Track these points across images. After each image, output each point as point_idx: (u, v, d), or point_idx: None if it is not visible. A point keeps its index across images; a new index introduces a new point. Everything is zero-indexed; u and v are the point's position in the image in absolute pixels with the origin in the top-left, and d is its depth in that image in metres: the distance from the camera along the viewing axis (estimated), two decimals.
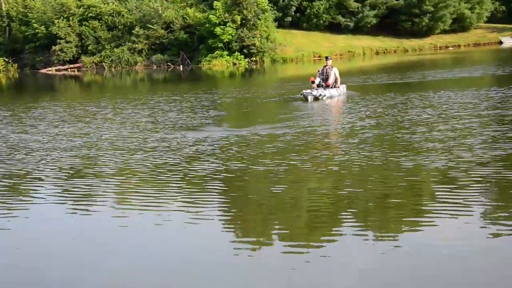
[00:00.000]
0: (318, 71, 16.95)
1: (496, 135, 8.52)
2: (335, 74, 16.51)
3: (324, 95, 15.91)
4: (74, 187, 7.12)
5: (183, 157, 8.46)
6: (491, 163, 6.85)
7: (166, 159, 8.41)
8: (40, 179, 7.73)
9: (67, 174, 7.89)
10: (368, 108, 12.78)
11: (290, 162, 7.66)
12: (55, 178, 7.76)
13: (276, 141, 9.32)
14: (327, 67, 16.60)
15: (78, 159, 8.91)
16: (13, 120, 15.05)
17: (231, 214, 5.85)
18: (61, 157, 9.13)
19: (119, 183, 7.33)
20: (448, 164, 6.87)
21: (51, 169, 8.28)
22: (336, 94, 16.42)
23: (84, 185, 7.23)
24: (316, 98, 15.75)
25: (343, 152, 8.14)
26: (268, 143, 9.19)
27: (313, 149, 8.57)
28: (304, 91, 16.18)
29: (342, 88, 16.98)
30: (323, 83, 16.31)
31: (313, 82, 16.26)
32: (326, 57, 17.43)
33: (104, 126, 12.74)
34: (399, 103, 13.23)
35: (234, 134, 10.33)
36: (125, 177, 7.58)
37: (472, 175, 6.34)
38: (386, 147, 8.26)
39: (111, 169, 8.06)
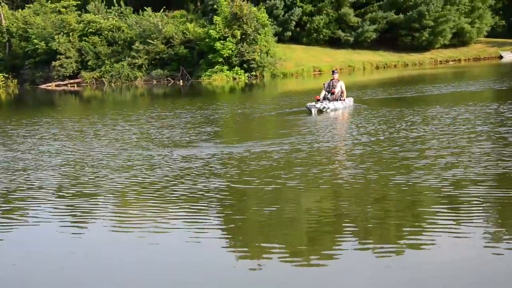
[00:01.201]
0: (324, 84, 17.01)
1: (495, 152, 8.42)
2: (341, 87, 16.63)
3: (328, 108, 15.95)
4: (63, 205, 7.05)
5: (180, 174, 8.35)
6: (489, 181, 6.78)
7: (164, 176, 8.29)
8: (27, 198, 7.59)
9: (58, 193, 7.76)
10: (368, 124, 12.67)
11: (288, 179, 7.54)
12: (43, 197, 7.60)
13: (274, 157, 9.22)
14: (333, 80, 16.75)
15: (67, 177, 8.78)
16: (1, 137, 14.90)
17: (229, 231, 5.75)
18: (50, 175, 9.00)
19: (112, 201, 7.20)
20: (446, 182, 6.79)
21: (39, 187, 8.13)
22: (341, 106, 16.47)
23: (75, 202, 7.12)
24: (320, 111, 15.80)
25: (340, 169, 8.07)
26: (266, 159, 9.08)
27: (311, 165, 8.43)
28: (308, 104, 16.19)
29: (348, 101, 17.07)
30: (328, 96, 16.38)
31: (318, 100, 16.34)
32: (333, 71, 17.60)
33: (94, 143, 12.60)
34: (398, 119, 13.14)
35: (232, 150, 10.21)
36: (118, 195, 7.46)
37: (470, 193, 6.29)
38: (384, 164, 8.14)
39: (102, 187, 7.93)
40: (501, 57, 51.67)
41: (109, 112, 22.26)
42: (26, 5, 56.24)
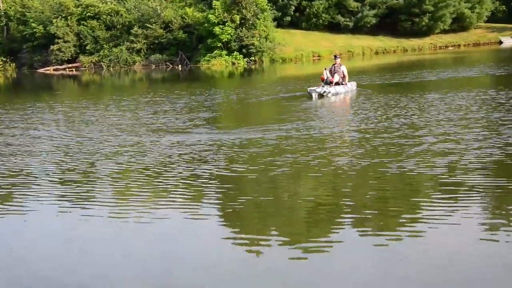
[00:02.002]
0: (325, 69, 17.01)
1: (492, 139, 8.40)
2: (343, 72, 16.64)
3: (329, 92, 15.93)
4: (56, 191, 7.06)
5: (175, 160, 8.33)
6: (486, 168, 6.79)
7: (159, 162, 8.27)
8: (22, 184, 7.59)
9: (52, 178, 7.78)
10: (367, 110, 12.62)
11: (285, 165, 7.53)
12: (39, 183, 7.59)
13: (271, 144, 9.19)
14: (335, 65, 16.76)
15: (59, 162, 8.78)
16: None
17: (226, 217, 5.74)
18: (46, 160, 9.01)
19: (108, 186, 7.18)
20: (444, 169, 6.78)
21: (37, 172, 8.12)
22: (343, 91, 16.49)
23: (67, 188, 7.17)
24: (321, 95, 15.76)
25: (338, 156, 8.04)
26: (263, 146, 9.06)
27: (308, 152, 8.41)
28: (308, 88, 16.15)
29: (350, 85, 17.07)
30: (331, 79, 16.45)
31: (323, 80, 16.41)
32: (335, 56, 17.60)
33: (89, 128, 12.55)
34: (397, 105, 13.07)
35: (229, 136, 10.17)
36: (115, 181, 7.44)
37: (468, 180, 6.28)
38: (382, 151, 8.12)
39: (95, 173, 7.92)
40: (500, 42, 51.56)
41: (107, 97, 22.24)
42: None
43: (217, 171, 7.44)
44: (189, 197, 6.43)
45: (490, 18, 58.08)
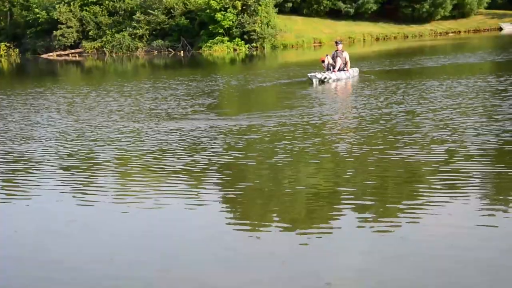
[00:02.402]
0: (327, 55, 17.14)
1: (491, 126, 8.57)
2: (345, 58, 16.73)
3: (330, 78, 15.99)
4: (58, 177, 7.12)
5: (179, 146, 8.42)
6: (485, 155, 6.86)
7: (161, 147, 8.39)
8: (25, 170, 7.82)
9: (54, 164, 7.93)
10: (368, 96, 12.80)
11: (284, 152, 7.64)
12: (38, 169, 7.69)
13: (270, 130, 9.27)
14: (338, 51, 16.80)
15: (59, 148, 9.00)
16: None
17: (227, 203, 5.79)
18: (44, 146, 9.17)
19: (111, 172, 7.27)
20: (443, 156, 6.84)
21: (37, 158, 8.25)
22: (345, 77, 16.56)
23: (72, 174, 7.30)
24: (322, 81, 15.83)
25: (336, 143, 8.13)
26: (262, 133, 9.14)
27: (309, 138, 8.58)
28: (309, 73, 16.33)
29: (352, 71, 17.16)
30: (331, 66, 16.54)
31: (323, 61, 16.46)
32: (336, 42, 17.61)
33: (91, 114, 12.80)
34: (397, 91, 13.26)
35: (228, 123, 10.24)
36: (115, 167, 7.53)
37: (467, 167, 6.28)
38: (382, 137, 8.27)
39: (99, 158, 8.02)
40: (500, 29, 51.69)
41: (109, 82, 22.35)
42: None
43: (216, 157, 7.46)
44: (189, 183, 6.42)
45: (491, 4, 58.03)
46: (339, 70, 16.55)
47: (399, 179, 6.13)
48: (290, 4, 51.49)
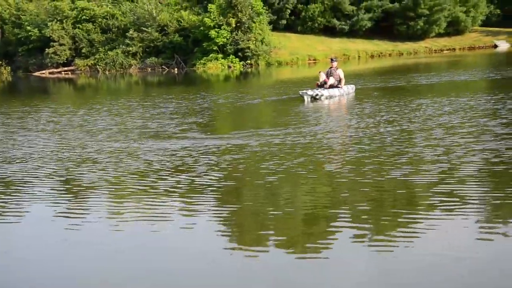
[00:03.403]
0: (320, 72, 16.96)
1: (488, 146, 8.42)
2: (339, 75, 16.54)
3: (322, 95, 15.75)
4: (50, 200, 7.01)
5: (166, 166, 8.28)
6: (484, 174, 6.80)
7: (157, 166, 8.26)
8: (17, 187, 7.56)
9: (47, 185, 7.77)
10: (361, 114, 12.59)
11: (277, 171, 7.54)
12: (37, 186, 7.61)
13: (264, 148, 9.20)
14: (332, 68, 16.62)
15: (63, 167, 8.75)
16: None
17: (224, 220, 5.77)
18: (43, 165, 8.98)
19: (99, 193, 7.16)
20: (441, 174, 6.80)
21: (33, 176, 8.13)
22: (338, 94, 16.32)
23: (59, 194, 7.18)
24: (313, 98, 15.60)
25: (330, 161, 8.05)
26: (256, 150, 9.09)
27: (300, 156, 8.43)
28: (300, 91, 16.08)
29: (347, 89, 16.89)
30: (324, 83, 16.33)
31: (318, 86, 16.31)
32: (331, 59, 17.49)
33: (78, 134, 12.54)
34: (390, 109, 13.06)
35: (221, 141, 10.13)
36: (106, 186, 7.43)
37: (464, 186, 6.30)
38: (376, 156, 8.11)
39: (85, 179, 7.88)
40: (495, 46, 51.75)
41: (101, 101, 22.05)
42: None
43: (208, 177, 7.39)
44: (180, 203, 6.43)
45: (485, 22, 58.23)
46: (332, 87, 16.26)
47: (393, 198, 6.13)
48: (284, 21, 51.49)
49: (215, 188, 6.86)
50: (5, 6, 53.62)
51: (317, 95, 15.67)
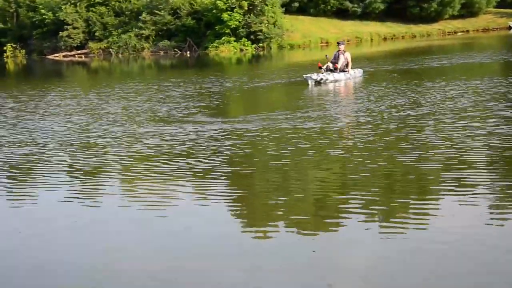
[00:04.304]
0: (326, 56, 16.95)
1: (497, 131, 8.38)
2: (346, 59, 16.43)
3: (327, 79, 15.64)
4: (61, 180, 7.16)
5: (174, 150, 8.30)
6: (495, 159, 6.79)
7: (164, 150, 8.33)
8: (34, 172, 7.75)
9: (58, 167, 7.92)
10: (369, 98, 12.54)
11: (288, 153, 7.62)
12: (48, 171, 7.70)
13: (271, 132, 9.21)
14: (339, 51, 16.56)
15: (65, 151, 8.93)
16: None
17: (234, 202, 5.84)
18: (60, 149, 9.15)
19: (117, 174, 7.31)
20: (452, 159, 6.76)
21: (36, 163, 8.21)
22: (344, 78, 16.18)
23: (72, 178, 7.30)
24: (318, 83, 15.53)
25: (344, 143, 8.16)
26: (262, 133, 9.11)
27: (313, 139, 8.48)
28: (305, 75, 16.04)
29: (354, 73, 16.78)
30: (332, 67, 16.21)
31: (320, 67, 16.18)
32: (338, 42, 17.45)
33: (92, 117, 12.71)
34: (401, 93, 13.01)
35: (229, 125, 10.15)
36: (123, 167, 7.57)
37: (477, 170, 6.25)
38: (388, 139, 8.16)
39: (107, 159, 8.05)
40: (510, 27, 51.21)
41: (113, 84, 22.14)
42: None
43: (219, 161, 7.42)
44: (191, 187, 6.47)
45: (500, 3, 57.51)
46: (340, 71, 16.23)
47: (404, 183, 6.12)
48: (297, 4, 51.21)
49: (222, 173, 6.89)
50: None
51: (321, 79, 15.57)
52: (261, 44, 43.74)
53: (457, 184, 5.76)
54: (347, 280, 3.94)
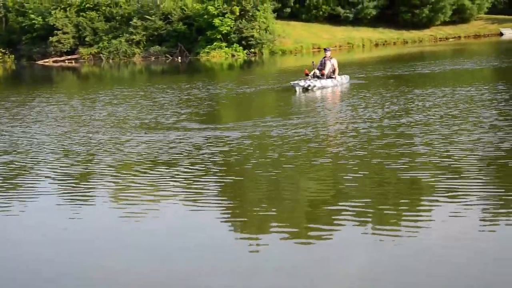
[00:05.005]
0: (313, 62, 16.88)
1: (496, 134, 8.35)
2: (333, 65, 16.40)
3: (314, 86, 15.58)
4: (54, 185, 7.09)
5: (161, 157, 8.27)
6: (489, 166, 6.77)
7: (159, 155, 8.31)
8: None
9: (49, 172, 7.78)
10: (358, 105, 12.46)
11: (282, 161, 7.55)
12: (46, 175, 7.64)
13: (265, 138, 9.18)
14: (325, 58, 16.53)
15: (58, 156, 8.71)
16: None
17: (228, 210, 5.85)
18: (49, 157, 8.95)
19: (110, 178, 7.28)
20: (443, 167, 6.76)
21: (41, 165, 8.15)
22: (331, 84, 16.14)
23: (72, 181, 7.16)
24: (305, 89, 15.45)
25: (332, 150, 8.09)
26: (253, 141, 9.06)
27: (301, 147, 8.40)
28: (292, 82, 15.93)
29: (341, 79, 16.72)
30: (319, 74, 16.15)
31: (307, 74, 16.09)
32: (325, 49, 17.46)
33: (87, 123, 12.49)
34: (393, 100, 12.94)
35: (219, 132, 10.10)
36: (116, 172, 7.54)
37: (468, 175, 6.33)
38: (379, 145, 8.10)
39: (102, 164, 8.00)
40: (501, 34, 51.35)
41: (102, 90, 21.97)
42: None
43: (212, 167, 7.43)
44: (190, 190, 6.49)
45: (491, 9, 57.69)
46: (327, 77, 16.13)
47: (396, 190, 6.16)
48: (288, 10, 51.15)
49: (209, 181, 6.86)
50: None
51: (309, 86, 15.50)
52: (252, 50, 43.56)
53: (447, 191, 5.77)
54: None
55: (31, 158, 8.73)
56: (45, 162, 8.43)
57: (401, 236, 4.72)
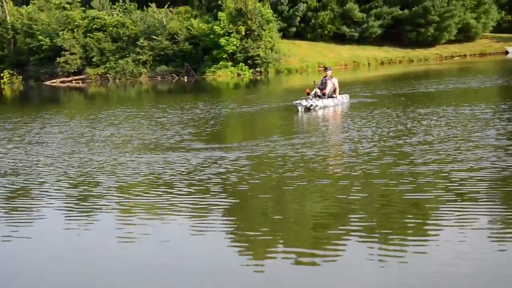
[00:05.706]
0: (314, 82, 16.93)
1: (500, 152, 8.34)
2: (333, 84, 16.45)
3: (316, 105, 15.64)
4: (61, 205, 7.10)
5: (166, 178, 8.28)
6: (495, 181, 6.80)
7: (158, 178, 8.28)
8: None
9: (56, 193, 7.82)
10: (363, 123, 12.47)
11: (286, 180, 7.55)
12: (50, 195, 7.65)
13: (264, 158, 9.16)
14: (326, 77, 16.59)
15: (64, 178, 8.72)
16: None
17: (233, 230, 5.84)
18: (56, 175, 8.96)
19: (115, 198, 7.30)
20: (450, 183, 6.78)
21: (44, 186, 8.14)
22: (332, 104, 16.21)
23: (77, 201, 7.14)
24: (307, 109, 15.49)
25: (335, 171, 8.04)
26: (257, 161, 9.05)
27: (304, 167, 8.39)
28: (294, 101, 15.97)
29: (342, 98, 16.79)
30: (320, 93, 16.20)
31: (308, 93, 16.15)
32: (325, 68, 17.56)
33: (84, 145, 12.51)
34: (396, 119, 12.92)
35: (221, 152, 10.12)
36: (120, 193, 7.55)
37: (473, 192, 6.35)
38: (378, 168, 8.07)
39: (106, 184, 8.01)
40: (506, 52, 51.39)
41: (109, 110, 22.07)
42: (31, 1, 56.14)
43: (214, 187, 7.42)
44: (189, 211, 6.48)
45: (496, 28, 57.84)
46: (328, 96, 16.18)
47: (401, 210, 6.08)
48: (294, 29, 51.47)
49: (214, 202, 6.85)
50: (17, 16, 54.06)
51: (311, 105, 15.55)
52: (258, 69, 43.76)
53: (452, 212, 5.75)
54: None
55: (32, 180, 8.74)
56: (46, 183, 8.45)
57: (406, 257, 4.70)
